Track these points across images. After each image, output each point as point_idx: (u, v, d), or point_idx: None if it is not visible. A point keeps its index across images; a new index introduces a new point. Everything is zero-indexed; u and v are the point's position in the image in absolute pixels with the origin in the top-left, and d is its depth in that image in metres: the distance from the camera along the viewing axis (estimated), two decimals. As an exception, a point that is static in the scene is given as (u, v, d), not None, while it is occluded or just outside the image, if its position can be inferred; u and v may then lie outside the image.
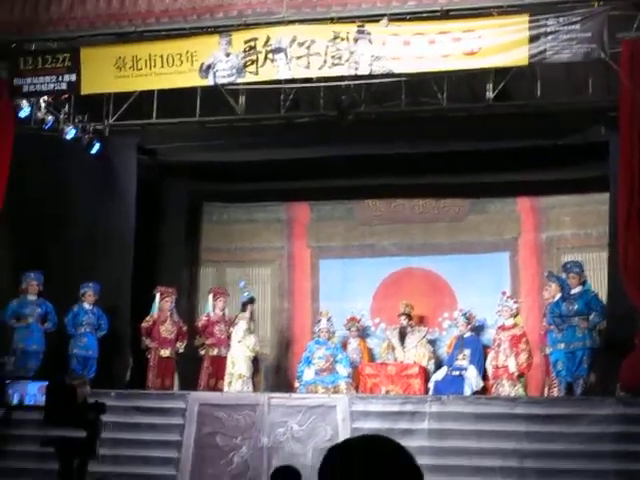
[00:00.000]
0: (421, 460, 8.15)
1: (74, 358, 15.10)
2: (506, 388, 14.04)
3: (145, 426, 12.94)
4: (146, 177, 16.80)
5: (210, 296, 16.39)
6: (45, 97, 15.15)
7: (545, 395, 14.38)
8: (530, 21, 12.78)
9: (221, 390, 14.87)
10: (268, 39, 13.58)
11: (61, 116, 15.64)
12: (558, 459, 11.13)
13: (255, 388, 15.30)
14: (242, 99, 14.91)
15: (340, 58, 13.36)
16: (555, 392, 13.98)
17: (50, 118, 15.40)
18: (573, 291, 13.79)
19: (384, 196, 17.36)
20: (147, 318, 15.63)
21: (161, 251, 17.49)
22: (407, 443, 8.62)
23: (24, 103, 14.80)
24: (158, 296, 15.74)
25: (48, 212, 15.71)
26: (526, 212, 16.86)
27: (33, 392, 2.98)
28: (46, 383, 2.82)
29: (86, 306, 15.35)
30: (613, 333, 13.76)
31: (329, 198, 17.75)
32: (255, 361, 15.39)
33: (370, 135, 15.45)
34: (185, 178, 17.73)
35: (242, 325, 15.24)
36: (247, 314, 15.45)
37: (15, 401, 3.16)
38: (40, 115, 15.26)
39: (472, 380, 14.30)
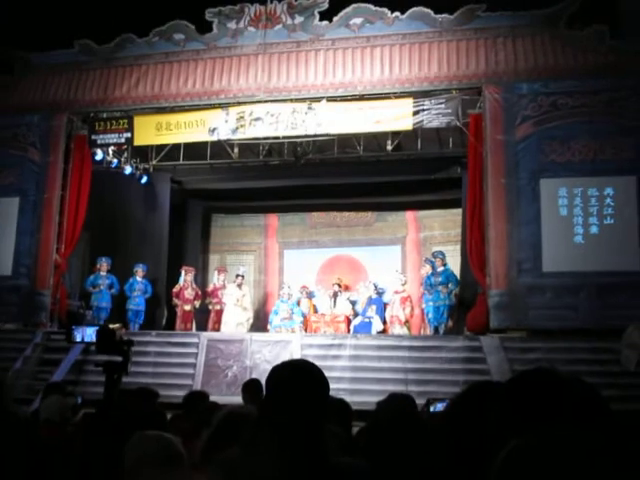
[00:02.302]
0: (344, 374, 7.97)
1: (129, 311, 14.96)
2: (397, 329, 14.03)
3: (174, 354, 12.73)
4: (176, 198, 16.72)
5: (215, 272, 16.31)
6: (111, 147, 14.91)
7: (421, 334, 14.34)
8: (414, 102, 12.91)
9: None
10: (252, 112, 13.55)
11: (122, 159, 15.46)
12: (428, 373, 11.09)
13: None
14: (236, 149, 14.75)
15: (296, 124, 13.38)
16: (427, 332, 13.98)
17: (115, 160, 15.34)
18: (439, 269, 13.85)
19: (324, 210, 17.39)
20: (176, 286, 15.46)
21: (185, 244, 17.38)
22: (335, 363, 8.48)
23: (98, 151, 14.65)
24: (183, 272, 15.56)
25: (113, 220, 15.70)
26: (411, 220, 16.94)
27: (90, 333, 2.96)
28: (97, 328, 2.81)
29: (138, 278, 15.16)
30: (463, 295, 13.83)
31: (290, 211, 17.73)
32: (242, 312, 15.19)
33: (315, 172, 15.42)
34: (200, 199, 17.61)
35: (231, 290, 15.04)
36: (236, 283, 15.19)
37: (78, 339, 3.11)
38: (108, 159, 15.17)
39: (376, 325, 14.24)
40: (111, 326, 2.78)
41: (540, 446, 1.08)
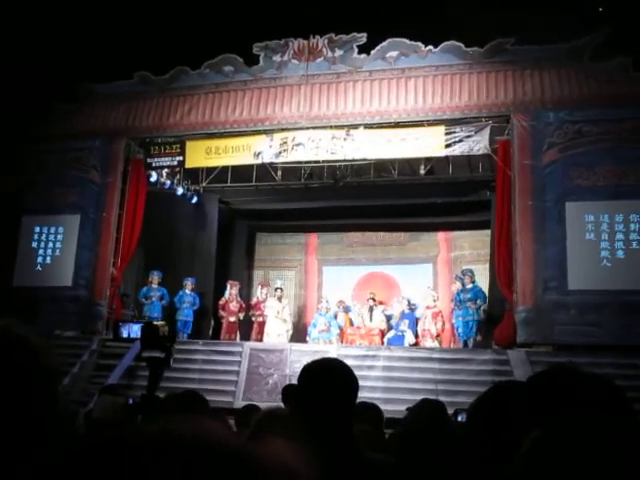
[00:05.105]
0: (378, 383, 7.84)
1: (179, 322, 14.88)
2: (429, 343, 13.82)
3: (219, 362, 12.74)
4: (223, 217, 16.75)
5: (259, 287, 16.29)
6: (165, 170, 15.00)
7: (451, 347, 14.13)
8: (446, 129, 12.81)
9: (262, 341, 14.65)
10: (294, 137, 13.58)
11: (174, 181, 15.52)
12: (457, 384, 10.89)
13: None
14: (279, 172, 14.79)
15: (336, 149, 13.42)
16: (457, 346, 13.75)
17: (168, 182, 15.39)
18: (467, 286, 13.64)
19: (360, 230, 17.30)
20: (222, 299, 15.43)
21: (231, 260, 17.43)
22: (370, 373, 8.36)
23: (153, 173, 14.78)
24: (229, 286, 15.54)
25: (165, 237, 15.71)
26: (442, 240, 16.79)
27: (135, 329, 2.96)
28: (141, 324, 2.81)
29: (187, 291, 15.14)
30: (491, 311, 13.64)
31: (329, 231, 17.66)
32: (282, 324, 15.13)
33: (352, 195, 15.33)
34: (246, 218, 17.66)
35: (272, 303, 14.98)
36: (275, 296, 15.13)
37: (124, 335, 3.11)
38: (162, 180, 15.20)
39: (409, 338, 14.04)
40: (155, 323, 2.75)
41: (564, 432, 1.00)
